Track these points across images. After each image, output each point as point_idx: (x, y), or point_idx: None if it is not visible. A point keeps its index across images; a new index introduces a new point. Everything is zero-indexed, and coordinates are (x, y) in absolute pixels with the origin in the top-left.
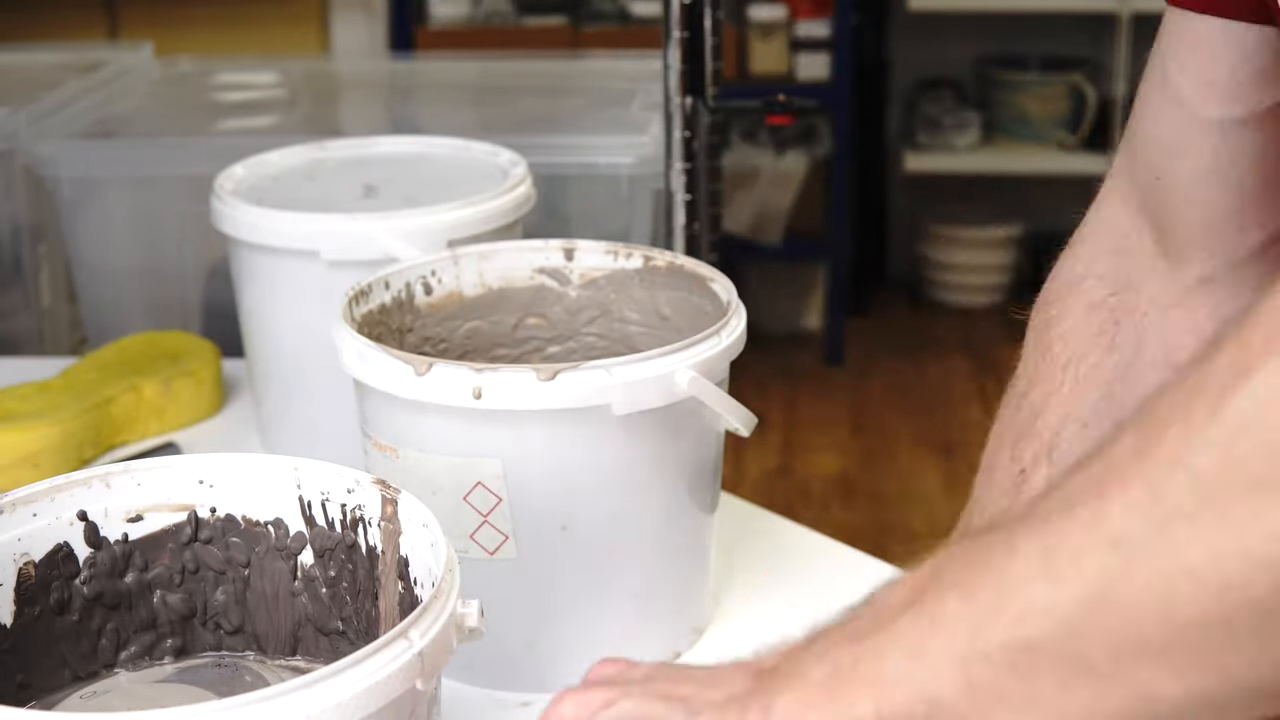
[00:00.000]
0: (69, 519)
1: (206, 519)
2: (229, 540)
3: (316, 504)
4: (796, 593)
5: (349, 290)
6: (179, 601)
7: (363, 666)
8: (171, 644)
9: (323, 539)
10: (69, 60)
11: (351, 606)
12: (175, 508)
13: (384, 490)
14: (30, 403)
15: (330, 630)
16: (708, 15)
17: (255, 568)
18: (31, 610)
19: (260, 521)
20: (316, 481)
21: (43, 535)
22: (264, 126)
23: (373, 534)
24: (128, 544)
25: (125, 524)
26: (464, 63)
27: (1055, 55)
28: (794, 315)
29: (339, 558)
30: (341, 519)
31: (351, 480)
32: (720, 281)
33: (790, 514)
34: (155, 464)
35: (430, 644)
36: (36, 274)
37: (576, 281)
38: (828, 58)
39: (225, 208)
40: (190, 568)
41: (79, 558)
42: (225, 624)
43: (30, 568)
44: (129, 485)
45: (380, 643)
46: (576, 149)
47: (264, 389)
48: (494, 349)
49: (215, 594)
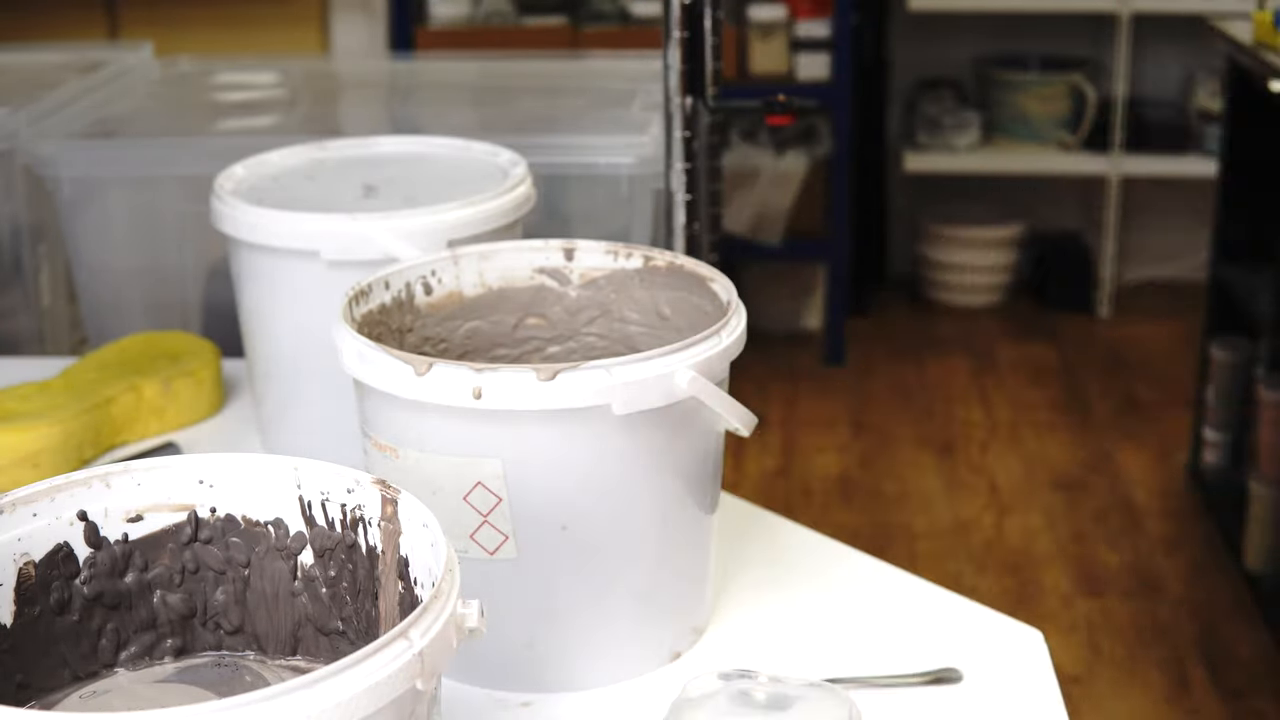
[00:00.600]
0: (69, 519)
1: (206, 519)
2: (229, 540)
3: (316, 504)
4: (796, 593)
5: (349, 290)
6: (179, 601)
7: (363, 666)
8: (172, 644)
9: (323, 539)
10: (69, 60)
11: (351, 606)
12: (175, 508)
13: (384, 490)
14: (30, 403)
15: (330, 630)
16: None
17: (255, 568)
18: (31, 610)
19: (260, 521)
20: (316, 481)
21: (43, 535)
22: (264, 126)
23: (373, 534)
24: (128, 544)
25: (125, 524)
26: (464, 63)
27: (1055, 55)
28: (794, 315)
29: (339, 558)
30: (342, 519)
31: (351, 480)
32: (720, 281)
33: (790, 514)
34: (155, 464)
35: (430, 644)
36: (36, 274)
37: (576, 281)
38: (828, 58)
39: (225, 208)
40: (190, 568)
41: (79, 558)
42: (225, 624)
43: (30, 568)
44: (129, 485)
45: (380, 643)
46: (576, 149)
47: (264, 389)
48: (494, 349)
49: (215, 594)
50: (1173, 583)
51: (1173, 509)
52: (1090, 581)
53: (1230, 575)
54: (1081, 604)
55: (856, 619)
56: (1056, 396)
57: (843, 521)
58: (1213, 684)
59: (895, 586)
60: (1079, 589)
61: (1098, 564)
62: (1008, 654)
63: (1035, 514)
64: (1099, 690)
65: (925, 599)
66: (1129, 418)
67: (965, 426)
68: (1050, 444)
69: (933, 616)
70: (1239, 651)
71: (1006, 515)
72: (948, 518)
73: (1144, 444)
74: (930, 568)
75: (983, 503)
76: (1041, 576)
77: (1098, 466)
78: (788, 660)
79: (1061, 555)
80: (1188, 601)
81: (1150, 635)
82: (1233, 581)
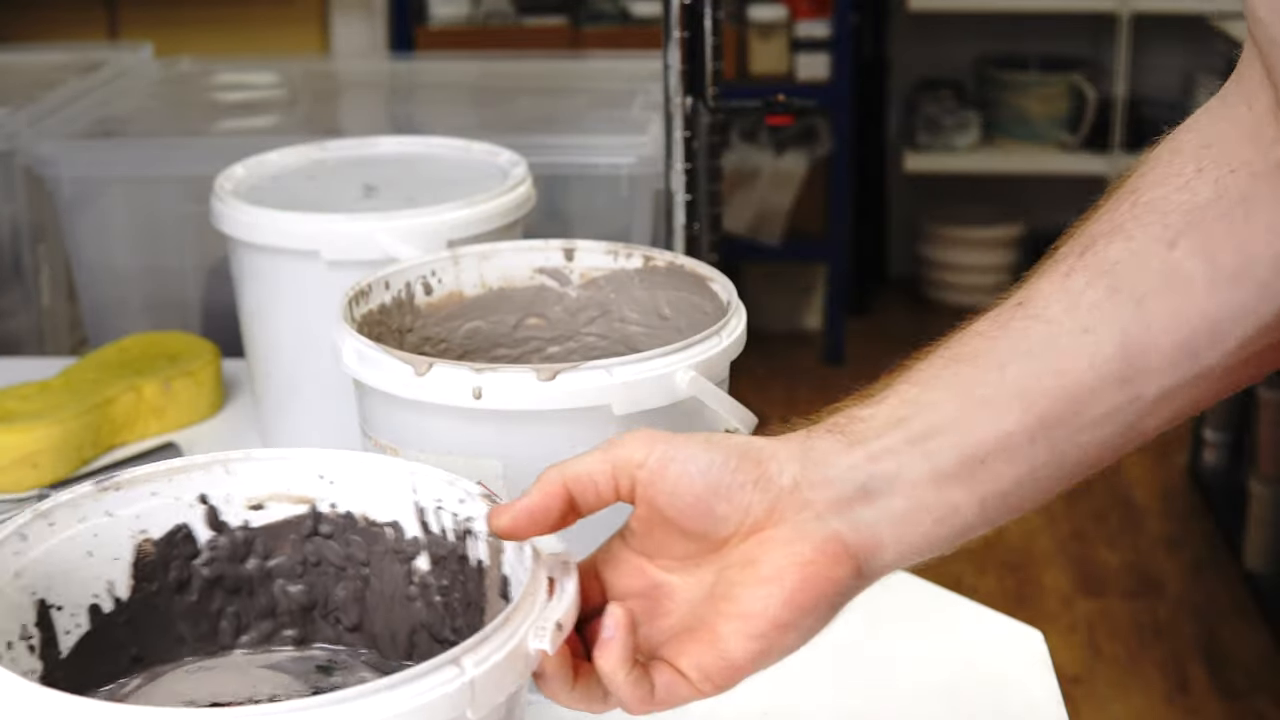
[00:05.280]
0: (189, 501)
1: (327, 514)
2: (349, 537)
3: (431, 511)
4: None
5: (349, 290)
6: (300, 593)
7: (404, 689)
8: (291, 633)
9: (436, 546)
10: (69, 60)
11: (463, 618)
12: (296, 500)
13: (491, 505)
14: (30, 403)
15: (444, 638)
16: (708, 15)
17: (374, 568)
18: (149, 586)
19: (378, 522)
20: (431, 489)
21: (162, 514)
22: (264, 126)
23: (480, 548)
24: (249, 530)
25: (247, 511)
26: (464, 63)
27: (1055, 55)
28: (794, 315)
29: (451, 568)
30: (454, 529)
31: (463, 491)
32: (720, 281)
33: None
34: (275, 454)
35: (486, 674)
36: (36, 274)
37: (576, 281)
38: (828, 58)
39: (225, 208)
40: (312, 560)
41: (199, 539)
42: (344, 619)
43: (149, 545)
44: (250, 473)
45: (428, 666)
46: (576, 149)
47: (264, 389)
48: (494, 349)
49: (336, 589)
50: (1173, 583)
51: (1173, 509)
52: (1090, 581)
53: (1230, 575)
54: (1081, 604)
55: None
56: None
57: None
58: (1213, 684)
59: (895, 587)
60: (1079, 589)
61: (1098, 564)
62: (1008, 654)
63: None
64: (1099, 690)
65: (925, 599)
66: None
67: None
68: None
69: (933, 616)
70: (1239, 651)
71: None
72: None
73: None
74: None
75: None
76: (1041, 576)
77: None
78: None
79: (1061, 555)
80: (1188, 601)
81: (1150, 635)
82: (1233, 581)
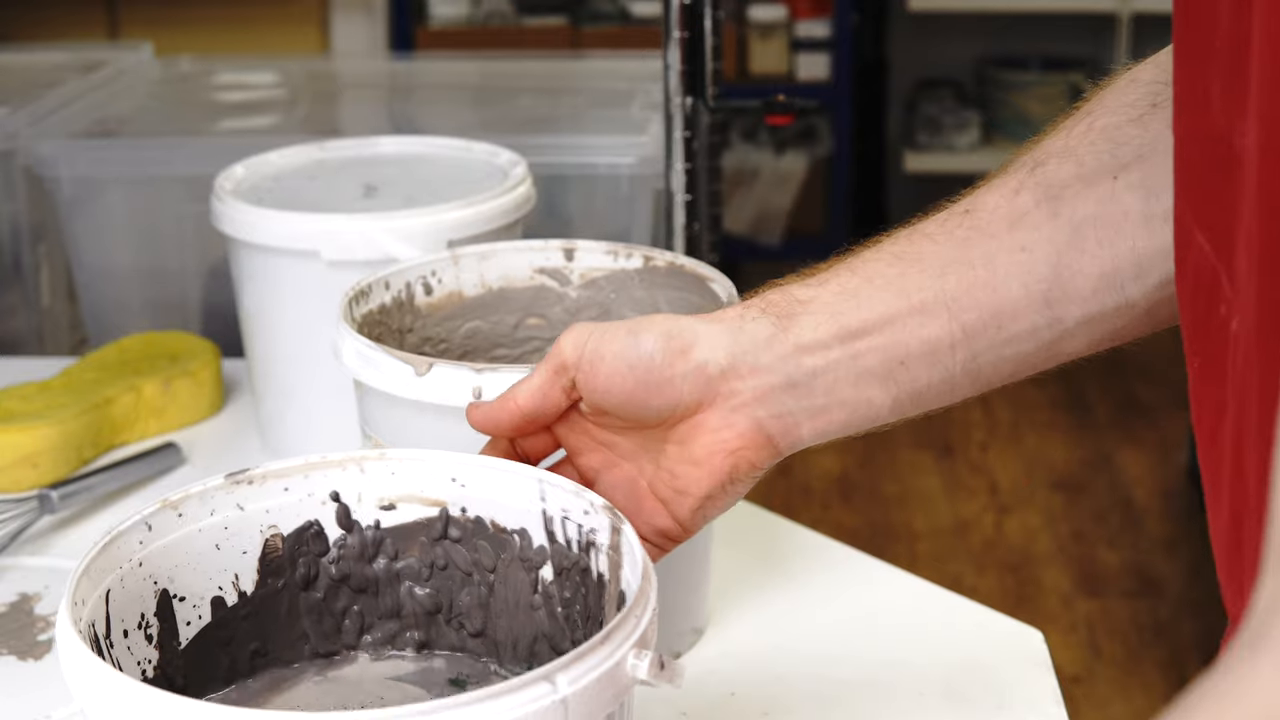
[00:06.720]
0: (321, 498)
1: (457, 518)
2: (477, 543)
3: (558, 520)
4: (796, 593)
5: (349, 290)
6: (426, 596)
7: (491, 704)
8: (414, 636)
9: (561, 557)
10: (69, 60)
11: (582, 630)
12: (428, 502)
13: (612, 518)
14: (30, 403)
15: (564, 650)
16: (708, 15)
17: (500, 575)
18: (275, 582)
19: (507, 529)
20: (559, 499)
21: (293, 510)
22: (264, 126)
23: (601, 561)
24: (379, 531)
25: (378, 511)
26: (464, 63)
27: (1055, 55)
28: None
29: (574, 579)
30: (579, 540)
31: (587, 503)
32: (720, 281)
33: (790, 514)
34: (409, 454)
35: (580, 692)
36: (36, 274)
37: (576, 281)
38: (828, 58)
39: (225, 208)
40: (440, 564)
41: (329, 538)
42: (469, 625)
43: (278, 540)
44: (383, 473)
45: (520, 681)
46: (576, 149)
47: (264, 389)
48: (494, 349)
49: (461, 594)
50: (1173, 583)
51: (1173, 509)
52: (1090, 581)
53: None
54: (1081, 604)
55: (856, 619)
56: (1056, 396)
57: (842, 521)
58: None
59: (895, 586)
60: (1079, 589)
61: (1098, 564)
62: (1008, 654)
63: (1035, 514)
64: (1099, 690)
65: (925, 599)
66: (1129, 418)
67: (965, 427)
68: (1050, 444)
69: (933, 617)
70: None
71: (1006, 515)
72: (948, 518)
73: (1144, 444)
74: (930, 568)
75: (982, 503)
76: (1041, 576)
77: (1098, 466)
78: (787, 660)
79: (1061, 555)
80: (1188, 601)
81: (1150, 635)
82: None
